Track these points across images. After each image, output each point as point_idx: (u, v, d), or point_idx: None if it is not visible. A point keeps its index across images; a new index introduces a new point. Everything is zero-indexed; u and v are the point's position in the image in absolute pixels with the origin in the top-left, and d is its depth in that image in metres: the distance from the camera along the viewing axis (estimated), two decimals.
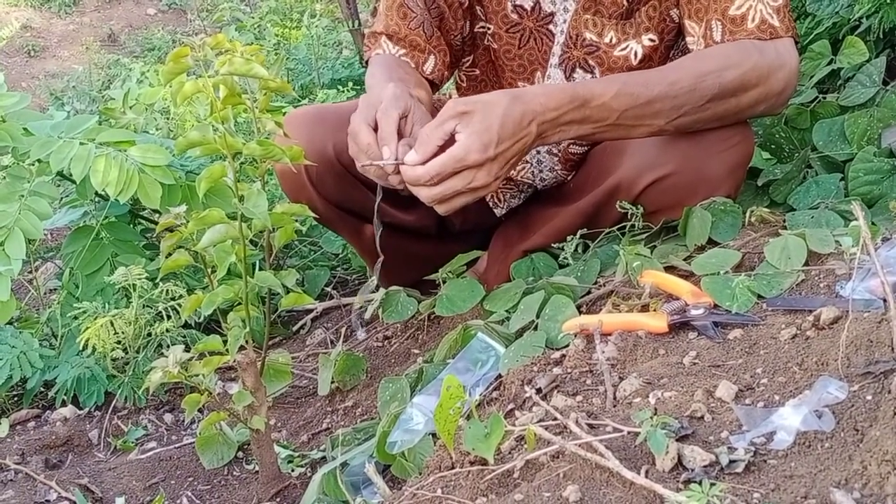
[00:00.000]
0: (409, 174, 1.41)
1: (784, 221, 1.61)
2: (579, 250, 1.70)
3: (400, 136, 1.46)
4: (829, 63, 2.08)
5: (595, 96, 1.45)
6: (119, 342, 1.81)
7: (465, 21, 1.79)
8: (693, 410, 1.07)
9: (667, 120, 1.50)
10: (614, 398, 1.18)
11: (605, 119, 1.47)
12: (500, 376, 1.40)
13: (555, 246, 1.74)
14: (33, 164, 1.95)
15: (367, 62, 1.78)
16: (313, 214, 1.52)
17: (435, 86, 1.78)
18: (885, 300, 1.15)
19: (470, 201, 1.46)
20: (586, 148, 1.86)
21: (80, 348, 1.84)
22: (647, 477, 0.96)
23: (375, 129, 1.47)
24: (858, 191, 1.76)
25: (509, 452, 1.14)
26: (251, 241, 1.39)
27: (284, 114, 2.02)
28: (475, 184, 1.40)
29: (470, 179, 1.40)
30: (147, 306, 1.86)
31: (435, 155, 1.40)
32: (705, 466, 0.96)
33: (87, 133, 1.94)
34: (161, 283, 1.83)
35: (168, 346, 1.78)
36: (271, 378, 1.56)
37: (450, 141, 1.40)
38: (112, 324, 1.80)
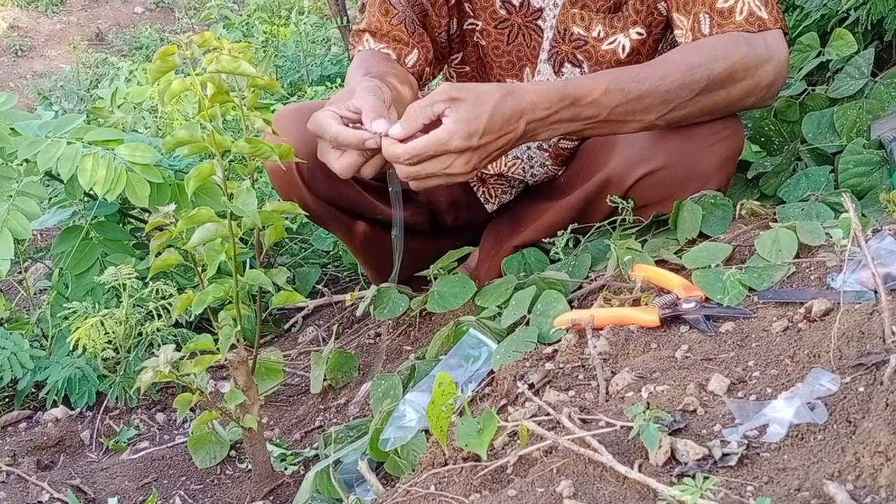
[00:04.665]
0: (388, 149, 1.39)
1: (774, 214, 1.61)
2: (570, 245, 1.69)
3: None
4: (818, 55, 2.08)
5: (586, 93, 1.44)
6: (110, 342, 1.80)
7: (449, 18, 1.79)
8: (686, 404, 1.07)
9: (657, 115, 1.49)
10: (607, 393, 1.18)
11: (596, 116, 1.47)
12: (492, 372, 1.39)
13: (546, 241, 1.73)
14: (21, 164, 1.94)
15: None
16: (304, 212, 1.52)
17: (418, 81, 1.78)
18: (875, 291, 1.15)
19: (444, 184, 1.45)
20: (577, 143, 1.86)
21: (71, 348, 1.83)
22: (640, 471, 0.96)
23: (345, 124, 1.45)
24: (848, 182, 1.76)
25: (502, 448, 1.14)
26: (241, 240, 1.38)
27: (273, 111, 2.02)
28: (451, 170, 1.39)
29: (447, 164, 1.38)
30: (137, 306, 1.85)
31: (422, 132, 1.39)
32: (698, 460, 0.96)
33: (74, 132, 1.93)
34: (151, 283, 1.82)
35: (159, 346, 1.77)
36: (263, 376, 1.56)
37: (436, 122, 1.40)
38: (102, 324, 1.79)
